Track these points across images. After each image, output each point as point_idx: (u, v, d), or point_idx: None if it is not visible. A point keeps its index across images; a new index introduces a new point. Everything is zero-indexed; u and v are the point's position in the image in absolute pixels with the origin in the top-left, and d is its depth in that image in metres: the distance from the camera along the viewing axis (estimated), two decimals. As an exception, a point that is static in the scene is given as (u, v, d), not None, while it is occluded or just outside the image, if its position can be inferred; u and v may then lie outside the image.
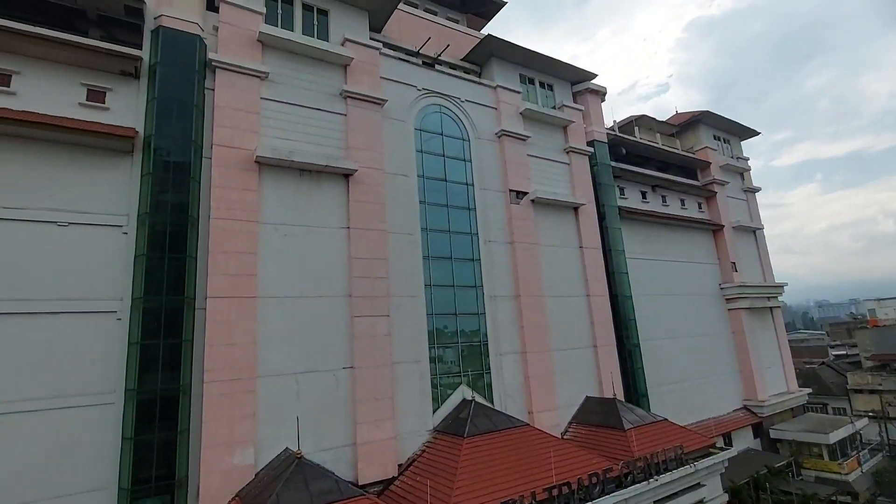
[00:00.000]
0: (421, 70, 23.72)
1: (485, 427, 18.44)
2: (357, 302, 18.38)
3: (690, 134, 38.66)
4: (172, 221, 15.51)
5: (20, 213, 14.03)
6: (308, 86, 19.60)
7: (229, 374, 15.35)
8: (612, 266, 27.91)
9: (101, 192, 15.25)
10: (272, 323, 16.75)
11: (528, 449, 17.99)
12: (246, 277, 16.39)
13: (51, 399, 13.49)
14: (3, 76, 14.48)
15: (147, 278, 14.81)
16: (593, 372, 25.11)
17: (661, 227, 32.87)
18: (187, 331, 15.14)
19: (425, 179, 22.30)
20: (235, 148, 17.12)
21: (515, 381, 22.20)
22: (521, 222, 24.32)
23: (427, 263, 21.23)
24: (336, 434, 17.04)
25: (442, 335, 20.97)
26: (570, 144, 27.92)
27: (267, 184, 17.75)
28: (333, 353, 17.71)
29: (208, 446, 14.56)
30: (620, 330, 27.03)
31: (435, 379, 20.18)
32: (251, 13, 18.74)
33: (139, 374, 14.17)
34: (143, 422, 13.96)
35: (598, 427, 21.98)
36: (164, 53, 16.55)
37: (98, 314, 14.55)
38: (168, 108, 16.18)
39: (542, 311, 23.73)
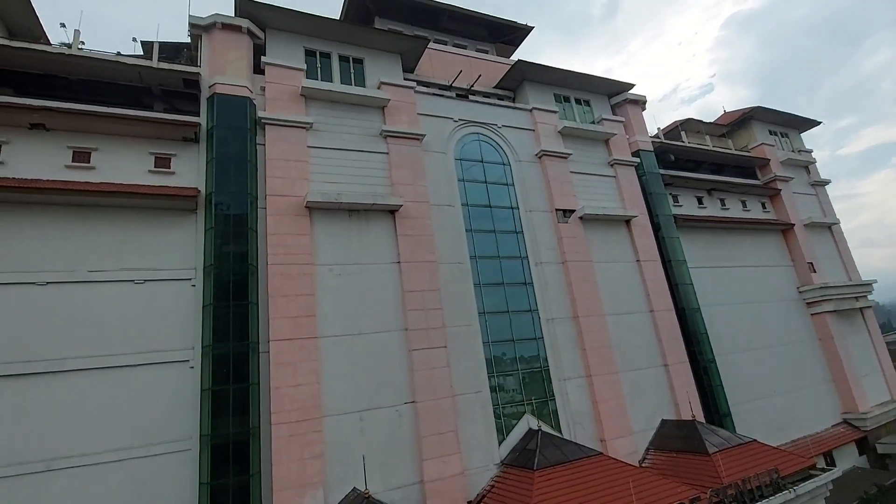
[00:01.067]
0: (455, 102, 24.28)
1: (555, 458, 17.57)
2: (413, 335, 18.42)
3: (743, 132, 36.81)
4: (235, 271, 16.38)
5: (102, 274, 15.34)
6: (350, 130, 20.51)
7: (296, 414, 15.65)
8: (675, 278, 26.48)
9: (170, 249, 16.42)
10: (333, 362, 17.05)
11: (603, 480, 16.88)
12: (306, 319, 16.90)
13: (134, 448, 14.25)
14: (84, 153, 16.19)
15: (215, 326, 15.59)
16: (667, 393, 23.53)
17: (723, 232, 31.03)
18: (253, 374, 15.69)
19: (470, 207, 22.41)
20: (287, 196, 18.03)
21: (583, 407, 21.16)
22: (572, 240, 23.76)
23: (479, 291, 21.06)
24: (403, 472, 16.81)
25: (501, 363, 20.49)
26: (614, 157, 27.31)
27: (318, 227, 18.47)
28: (394, 389, 17.69)
29: (280, 489, 14.75)
30: (692, 345, 25.33)
31: (498, 409, 19.61)
32: (293, 70, 20.07)
33: (212, 419, 14.73)
34: (218, 466, 14.38)
35: (679, 452, 20.37)
36: (219, 117, 17.93)
37: (173, 364, 15.40)
38: (225, 166, 17.38)
39: (604, 330, 22.75)
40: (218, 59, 18.77)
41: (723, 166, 34.03)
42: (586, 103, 28.70)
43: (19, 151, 15.49)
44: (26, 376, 13.75)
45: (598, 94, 29.22)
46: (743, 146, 36.05)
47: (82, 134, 16.31)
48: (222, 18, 19.21)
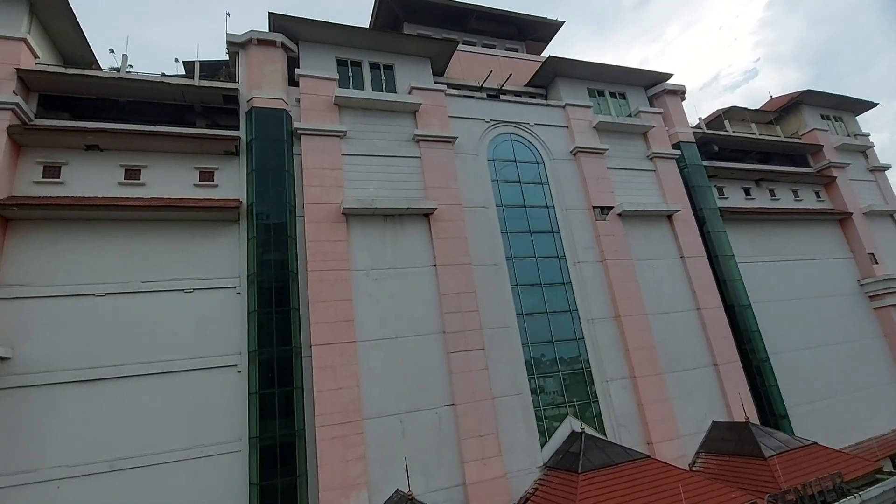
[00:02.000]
0: (486, 103, 24.16)
1: (600, 461, 17.15)
2: (451, 338, 18.44)
3: (792, 118, 34.83)
4: (276, 278, 16.89)
5: (155, 284, 16.18)
6: (382, 136, 20.79)
7: (338, 417, 15.98)
8: (723, 274, 25.34)
9: (216, 259, 17.12)
10: (372, 365, 17.30)
11: (652, 484, 16.34)
12: (344, 323, 17.23)
13: (189, 449, 14.93)
14: (134, 171, 17.14)
15: (259, 332, 16.14)
16: (718, 394, 22.52)
17: (773, 224, 29.44)
18: (297, 378, 16.13)
19: (504, 208, 22.24)
20: (324, 203, 18.45)
21: (628, 410, 20.55)
22: (611, 238, 23.15)
23: (516, 292, 20.85)
24: (445, 474, 16.84)
25: (540, 364, 20.20)
26: (652, 150, 26.45)
27: (355, 232, 18.79)
28: (434, 392, 17.76)
29: (325, 489, 15.10)
30: (743, 344, 24.15)
31: (539, 411, 19.34)
32: (326, 81, 20.53)
33: (260, 421, 15.26)
34: (267, 467, 14.89)
35: (733, 456, 19.46)
36: (258, 130, 18.56)
37: (222, 368, 16.03)
38: (264, 177, 17.98)
39: (647, 330, 22.03)
40: (254, 74, 19.44)
41: (771, 155, 32.29)
42: (622, 96, 27.95)
43: (77, 171, 16.55)
44: (91, 382, 14.66)
45: (633, 87, 28.39)
46: (793, 133, 34.12)
47: (133, 152, 17.26)
48: (257, 34, 19.89)
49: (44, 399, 14.13)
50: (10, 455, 13.40)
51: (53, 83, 17.24)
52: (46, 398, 14.16)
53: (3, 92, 15.75)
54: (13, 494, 13.13)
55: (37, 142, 16.26)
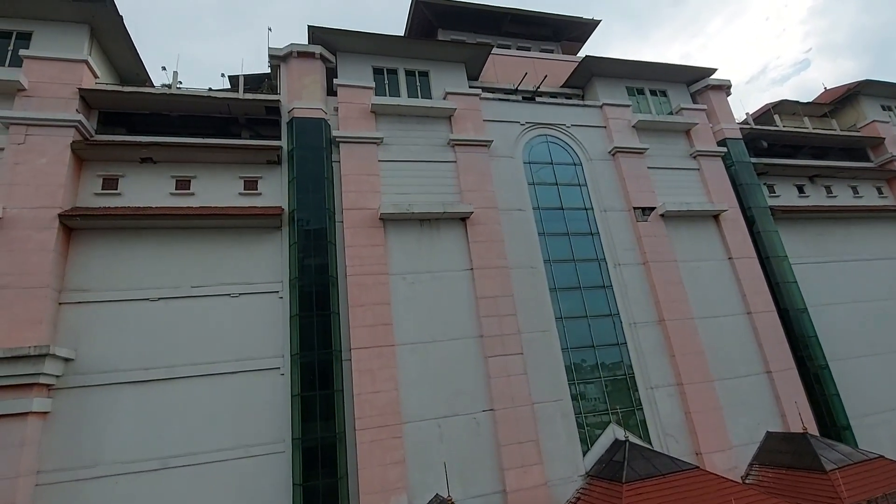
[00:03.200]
0: (521, 105, 23.98)
1: (645, 471, 16.50)
2: (488, 342, 18.29)
3: (849, 110, 32.75)
4: (317, 282, 17.29)
5: (203, 289, 16.87)
6: (417, 141, 20.99)
7: (377, 420, 16.12)
8: (775, 276, 24.02)
9: (260, 264, 17.69)
10: (410, 369, 17.37)
11: (702, 496, 15.55)
12: (382, 327, 17.40)
13: (236, 449, 15.40)
14: (185, 181, 18.00)
15: (301, 335, 16.53)
16: (772, 403, 21.30)
17: (830, 222, 27.65)
18: (337, 381, 16.39)
19: (541, 210, 21.95)
20: (361, 209, 18.78)
21: (675, 418, 19.73)
22: (653, 240, 22.41)
23: (555, 295, 20.48)
24: (484, 480, 16.66)
25: (581, 370, 19.72)
26: (696, 148, 25.49)
27: (392, 237, 19.00)
28: (472, 396, 17.64)
29: (366, 492, 15.23)
30: (799, 350, 22.76)
31: (580, 418, 18.85)
32: (363, 89, 20.96)
33: (302, 423, 15.57)
34: (309, 469, 15.15)
35: (789, 469, 18.30)
36: (298, 139, 19.13)
37: (266, 371, 16.49)
38: (305, 184, 18.48)
39: (694, 335, 21.13)
40: (295, 86, 20.08)
41: (826, 150, 30.47)
42: (662, 94, 27.12)
43: (132, 183, 17.54)
44: (146, 383, 15.41)
45: (675, 83, 27.51)
46: (850, 126, 32.07)
47: (183, 164, 18.14)
48: (297, 47, 20.55)
49: (104, 398, 14.95)
50: (74, 451, 14.24)
51: (112, 101, 18.39)
52: (106, 398, 14.98)
53: (68, 110, 16.91)
54: (76, 488, 13.93)
55: (97, 156, 17.36)
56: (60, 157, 16.27)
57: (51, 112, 16.66)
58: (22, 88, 16.65)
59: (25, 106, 16.58)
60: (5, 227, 14.97)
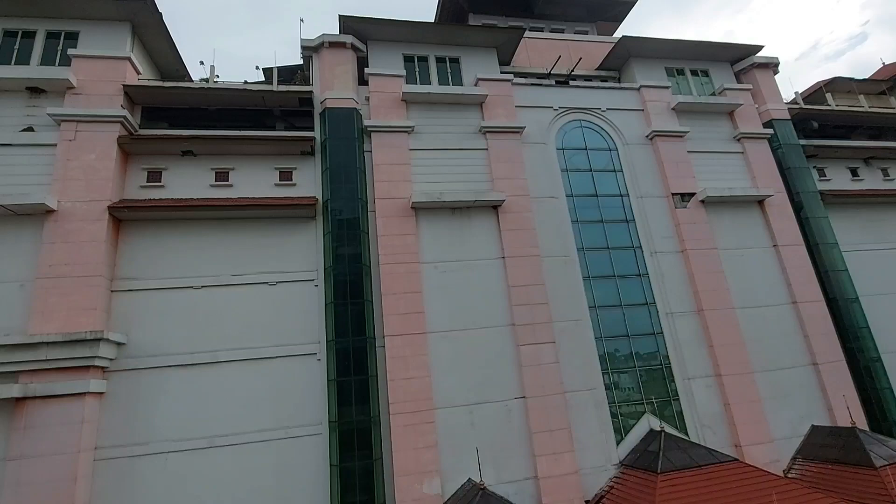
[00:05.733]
0: (555, 90, 23.43)
1: (681, 462, 16.23)
2: (520, 330, 18.26)
3: (911, 85, 30.47)
4: (351, 271, 17.62)
5: (243, 278, 17.48)
6: (448, 129, 20.87)
7: (410, 406, 16.43)
8: (824, 264, 22.84)
9: (296, 253, 18.15)
10: (442, 356, 17.56)
11: (740, 489, 15.19)
12: (415, 315, 17.62)
13: (276, 430, 16.04)
14: (223, 173, 18.56)
15: (336, 323, 16.95)
16: (818, 396, 20.45)
17: (886, 207, 25.98)
18: (371, 367, 16.77)
19: (574, 198, 21.53)
20: (393, 198, 18.92)
21: (713, 409, 19.25)
22: (692, 227, 21.67)
23: (588, 284, 20.17)
24: (515, 466, 16.79)
25: (615, 359, 19.45)
26: (740, 130, 24.32)
27: (423, 226, 19.10)
28: (503, 384, 17.71)
29: (400, 474, 15.63)
30: (848, 342, 21.68)
31: (613, 408, 18.66)
32: (394, 78, 20.94)
33: (338, 407, 16.06)
34: (345, 450, 15.65)
35: (836, 464, 17.62)
36: (331, 130, 19.36)
37: (303, 356, 17.02)
38: (338, 175, 18.75)
39: (735, 325, 20.43)
40: (327, 76, 20.26)
41: (884, 129, 28.48)
42: (704, 73, 25.93)
43: (174, 175, 18.22)
44: (192, 366, 16.18)
45: (717, 62, 26.22)
46: (912, 102, 29.86)
47: (221, 156, 18.68)
48: (329, 38, 20.68)
49: (153, 381, 15.81)
50: (128, 429, 15.17)
51: (153, 96, 19.07)
52: (155, 380, 15.83)
53: (114, 106, 17.65)
54: (130, 464, 14.87)
55: (141, 150, 18.10)
56: (108, 151, 17.04)
57: (98, 108, 17.41)
58: (71, 86, 17.44)
59: (75, 103, 17.39)
60: (61, 220, 15.88)
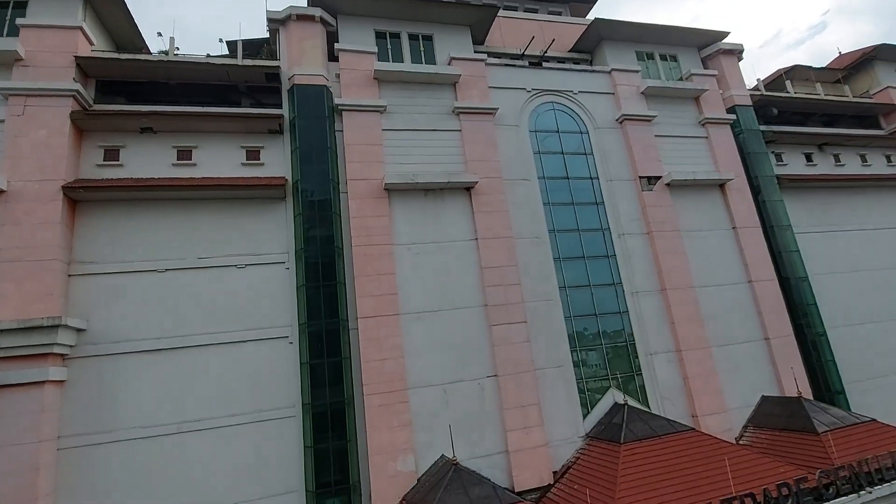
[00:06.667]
0: (528, 71, 23.41)
1: (643, 432, 17.12)
2: (493, 311, 18.59)
3: (863, 76, 31.87)
4: (323, 253, 17.42)
5: (210, 261, 17.03)
6: (421, 110, 20.62)
7: (384, 386, 16.61)
8: (778, 245, 24.10)
9: (265, 236, 17.78)
10: (416, 337, 17.74)
11: (696, 456, 16.21)
12: (388, 297, 17.65)
13: (248, 414, 15.96)
14: (186, 152, 17.83)
15: (308, 305, 16.82)
16: (768, 368, 21.83)
17: (836, 191, 27.49)
18: (345, 349, 16.80)
19: (546, 180, 21.80)
20: (366, 179, 18.66)
21: (673, 383, 20.29)
22: (658, 210, 22.37)
23: (559, 265, 20.65)
24: (487, 441, 17.32)
25: (583, 338, 20.12)
26: (705, 116, 25.03)
27: (396, 207, 18.98)
28: (476, 363, 18.09)
29: (374, 453, 15.90)
30: (798, 318, 23.13)
31: (581, 384, 19.40)
32: (365, 55, 20.41)
33: (311, 389, 16.08)
34: (319, 432, 15.76)
35: (783, 431, 18.98)
36: (300, 107, 18.81)
37: (275, 340, 16.88)
38: (308, 155, 18.32)
39: (694, 304, 21.43)
40: (295, 51, 19.56)
41: (837, 117, 29.88)
42: (672, 58, 26.40)
43: (134, 154, 17.37)
44: (158, 352, 15.79)
45: (685, 47, 26.72)
46: (863, 92, 31.32)
47: (184, 134, 17.90)
48: (297, 10, 19.89)
49: (117, 367, 15.36)
50: (92, 417, 14.77)
51: (108, 69, 17.99)
52: (119, 366, 15.39)
53: (65, 79, 16.58)
54: (95, 451, 14.53)
55: (97, 126, 17.14)
56: (60, 127, 16.08)
57: (48, 81, 16.33)
58: (19, 58, 16.29)
59: (23, 76, 16.26)
60: (10, 201, 14.98)
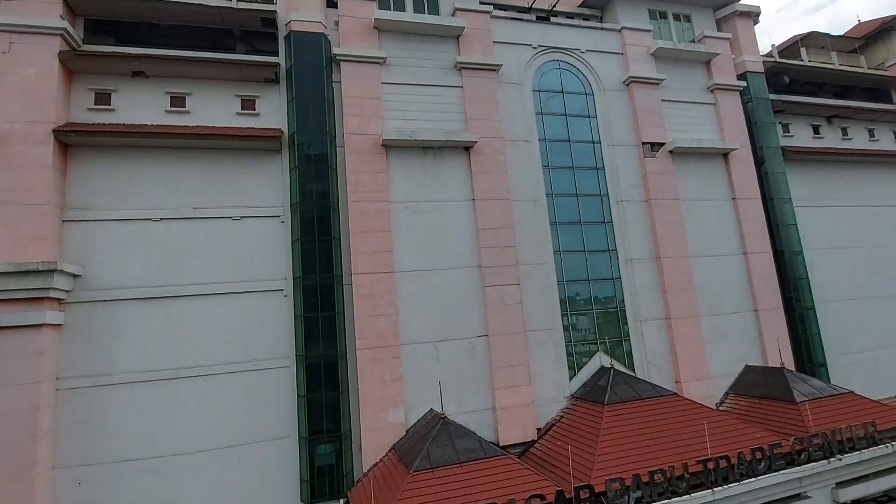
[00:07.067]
0: (535, 26, 22.50)
1: (627, 395, 17.64)
2: (487, 272, 18.72)
3: (880, 46, 30.74)
4: (318, 208, 17.31)
5: (205, 212, 16.90)
6: (423, 63, 19.95)
7: (377, 342, 16.93)
8: (776, 218, 24.03)
9: (261, 189, 17.58)
10: (410, 295, 17.92)
11: (677, 419, 16.79)
12: (383, 254, 17.70)
13: (244, 363, 16.30)
14: (180, 98, 17.32)
15: (303, 260, 16.84)
16: (755, 339, 22.29)
17: (840, 166, 27.14)
18: (339, 304, 16.99)
19: (547, 143, 21.42)
20: (364, 134, 18.29)
21: (660, 349, 20.75)
22: (658, 177, 22.13)
23: (555, 229, 20.62)
24: (476, 398, 17.85)
25: (574, 302, 20.38)
26: (715, 81, 24.33)
27: (394, 164, 18.71)
28: (468, 323, 18.38)
29: (366, 405, 16.41)
30: (788, 291, 23.39)
31: (570, 347, 19.82)
32: (365, 2, 19.51)
33: (305, 342, 16.38)
34: (312, 383, 16.16)
35: (763, 399, 19.59)
36: (297, 56, 18.15)
37: (270, 292, 17.01)
38: (305, 106, 17.84)
39: (688, 273, 21.59)
40: (293, -6, 18.67)
41: (850, 89, 29.06)
42: (686, 19, 25.38)
43: (125, 98, 16.86)
44: (154, 300, 15.92)
45: (700, 7, 25.63)
46: (879, 63, 30.35)
47: (177, 79, 17.33)
48: (295, -50, 18.84)
49: (114, 313, 15.53)
50: (90, 361, 15.06)
51: (97, 6, 17.15)
52: (116, 313, 15.55)
53: (52, 16, 15.87)
54: (94, 393, 14.91)
55: (86, 68, 16.56)
56: (49, 67, 15.52)
57: (34, 18, 15.59)
58: (3, -8, 15.51)
59: (7, 11, 15.49)
60: (1, 143, 14.66)
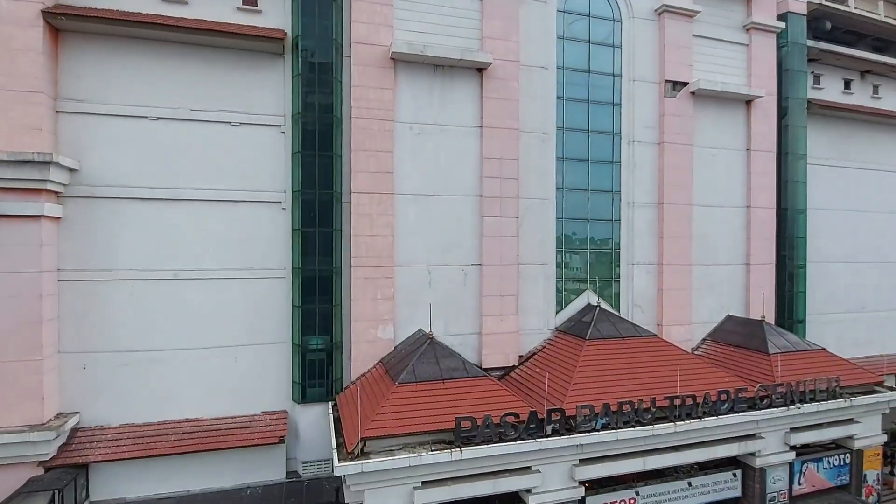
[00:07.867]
0: (569, -64, 20.44)
1: (608, 332, 18.34)
2: (487, 202, 18.62)
3: (940, -6, 28.30)
4: (320, 121, 16.76)
5: (203, 114, 16.29)
6: (441, -31, 18.33)
7: (371, 261, 17.24)
8: (787, 174, 23.52)
9: (261, 94, 16.86)
10: (408, 218, 17.97)
11: (652, 359, 17.60)
12: (384, 175, 17.46)
13: (242, 270, 16.68)
14: (173, -15, 15.98)
15: (303, 173, 16.63)
16: (741, 292, 22.81)
17: (861, 126, 26.11)
18: (336, 221, 17.05)
19: (566, 71, 20.31)
20: (372, 45, 17.25)
21: (647, 293, 21.27)
22: (675, 119, 21.30)
23: (561, 165, 20.21)
24: (464, 322, 18.57)
25: (570, 241, 20.50)
26: (752, 20, 22.60)
27: (402, 81, 17.87)
28: (463, 250, 18.62)
29: (357, 319, 17.08)
30: (783, 249, 23.53)
31: (560, 283, 20.26)
32: None
33: (302, 255, 16.63)
34: (307, 294, 16.67)
35: (738, 348, 20.45)
36: (305, -54, 16.57)
37: (268, 203, 16.97)
38: (310, 6, 16.62)
39: (687, 221, 21.54)
40: None
41: (890, 43, 27.17)
42: (733, -56, 23.02)
43: (118, -19, 15.61)
44: (151, 200, 15.84)
45: (750, -68, 23.17)
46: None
47: (175, -38, 15.95)
48: None
49: (112, 210, 15.50)
50: (89, 255, 15.28)
51: None
52: (115, 210, 15.52)
53: None
54: (95, 287, 15.31)
55: (75, -60, 15.13)
56: (36, -62, 14.17)
57: None
58: None
59: None
60: (-13, 19, 13.77)
